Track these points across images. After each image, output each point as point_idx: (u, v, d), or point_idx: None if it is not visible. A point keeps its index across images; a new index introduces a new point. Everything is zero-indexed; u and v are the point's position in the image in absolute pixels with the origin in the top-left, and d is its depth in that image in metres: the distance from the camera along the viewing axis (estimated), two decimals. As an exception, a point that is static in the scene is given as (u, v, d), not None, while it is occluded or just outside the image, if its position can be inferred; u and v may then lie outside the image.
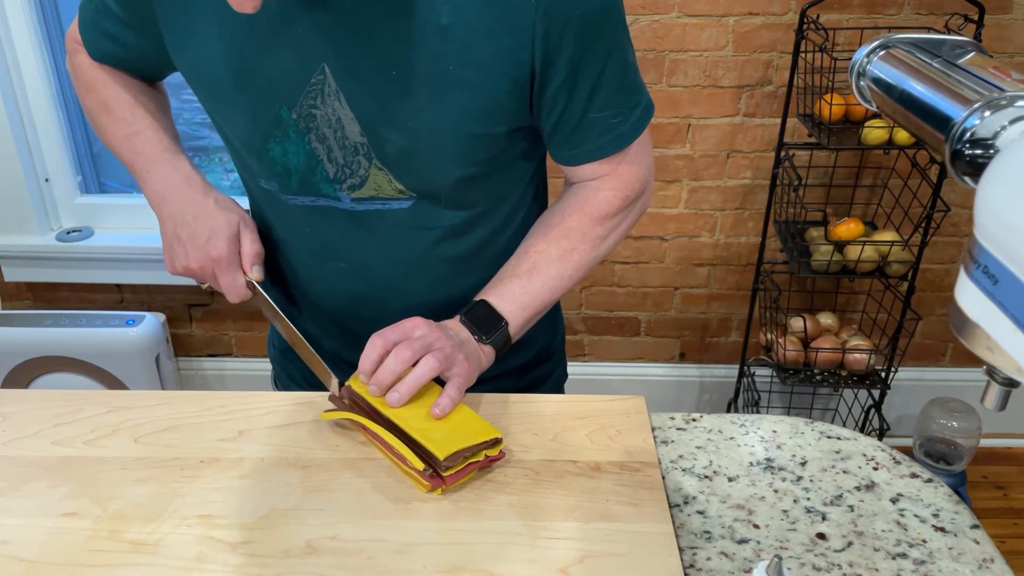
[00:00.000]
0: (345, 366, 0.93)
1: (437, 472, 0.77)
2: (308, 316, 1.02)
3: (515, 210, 0.97)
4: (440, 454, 0.76)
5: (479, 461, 0.78)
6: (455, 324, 0.89)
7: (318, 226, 0.92)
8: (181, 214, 0.92)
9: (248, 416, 0.88)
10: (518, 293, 0.91)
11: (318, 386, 1.06)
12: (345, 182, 0.88)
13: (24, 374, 2.17)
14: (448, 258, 0.95)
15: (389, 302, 0.95)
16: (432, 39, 0.78)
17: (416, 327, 0.84)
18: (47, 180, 2.16)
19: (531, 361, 1.08)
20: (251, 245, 0.92)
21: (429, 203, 0.89)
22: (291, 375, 1.11)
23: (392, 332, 0.84)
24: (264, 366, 2.39)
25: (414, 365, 0.82)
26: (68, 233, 2.18)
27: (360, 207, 0.89)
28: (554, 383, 1.14)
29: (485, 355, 0.89)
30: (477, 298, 0.91)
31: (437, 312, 0.90)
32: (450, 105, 0.81)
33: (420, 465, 0.76)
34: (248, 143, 0.88)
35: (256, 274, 0.92)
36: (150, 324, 2.17)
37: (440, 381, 0.85)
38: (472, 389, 0.88)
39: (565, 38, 0.79)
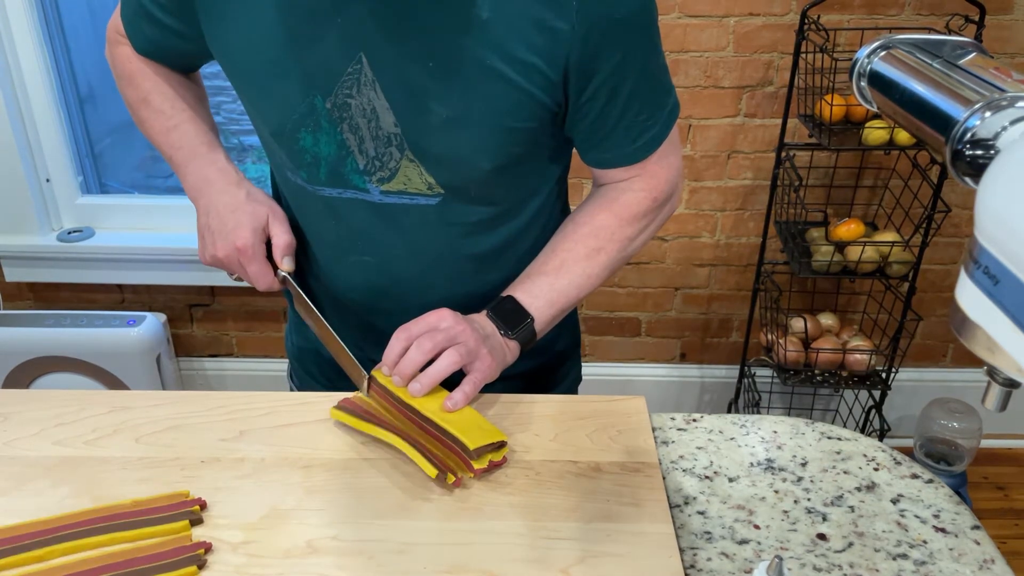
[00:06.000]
0: (365, 360, 0.94)
1: (467, 463, 0.78)
2: (329, 309, 1.03)
3: (540, 210, 0.98)
4: (471, 444, 0.78)
5: (483, 468, 0.79)
6: (481, 318, 0.90)
7: (344, 218, 0.92)
8: (214, 205, 0.93)
9: (249, 416, 0.88)
10: (545, 290, 0.91)
11: (335, 383, 1.06)
12: (375, 174, 0.88)
13: (25, 374, 2.17)
14: (472, 255, 0.95)
15: (410, 297, 0.96)
16: (471, 32, 0.79)
17: (442, 319, 0.86)
18: (48, 180, 2.16)
19: (552, 363, 1.09)
20: (281, 236, 0.93)
21: (456, 199, 0.90)
22: (308, 371, 1.12)
23: (417, 325, 0.85)
24: (265, 366, 2.39)
25: (437, 357, 0.84)
26: (69, 233, 2.18)
27: (388, 200, 0.90)
28: (569, 384, 1.14)
29: (510, 350, 0.90)
30: (504, 294, 0.92)
31: (458, 309, 0.90)
32: (485, 98, 0.82)
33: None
34: (278, 132, 0.89)
35: (287, 265, 0.93)
36: (151, 324, 2.17)
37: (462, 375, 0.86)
38: (493, 388, 0.88)
39: (604, 41, 0.80)
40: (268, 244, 0.94)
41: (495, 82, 0.81)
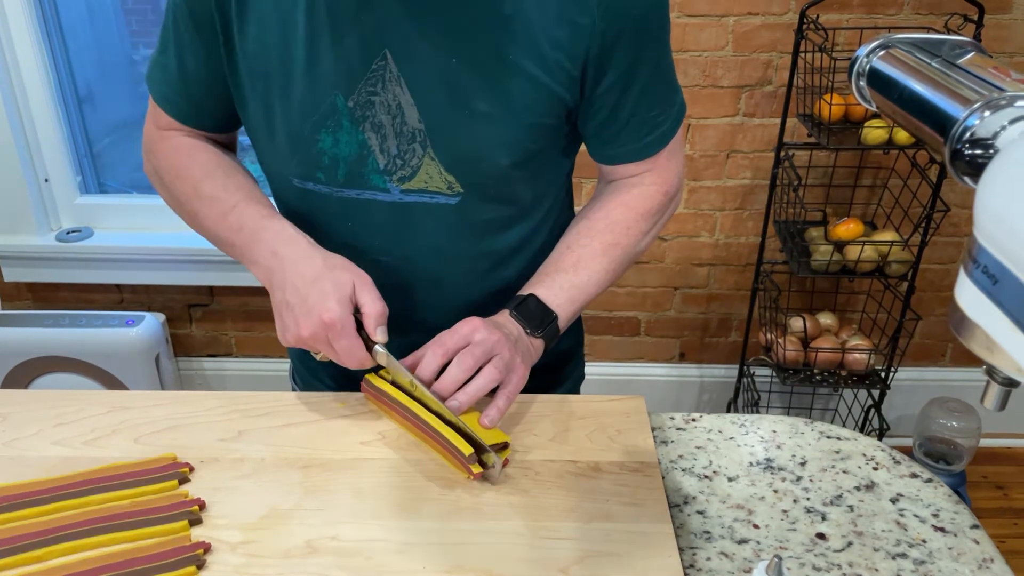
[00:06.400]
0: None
1: (465, 466, 0.78)
2: None
3: (552, 206, 0.99)
4: (488, 440, 0.78)
5: (481, 472, 0.79)
6: (507, 320, 0.89)
7: (360, 220, 0.92)
8: (289, 279, 0.84)
9: (248, 416, 0.88)
10: (565, 287, 0.92)
11: (339, 384, 1.05)
12: (396, 173, 0.88)
13: (24, 374, 2.17)
14: (488, 253, 0.96)
15: (426, 295, 0.96)
16: (494, 28, 0.80)
17: (475, 330, 0.83)
18: (47, 180, 2.16)
19: (557, 362, 1.09)
20: (373, 304, 0.82)
21: (475, 197, 0.90)
22: (312, 371, 1.11)
23: (451, 338, 0.83)
24: (264, 366, 2.39)
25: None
26: (68, 233, 2.18)
27: (409, 199, 0.89)
28: (573, 383, 1.14)
29: (535, 349, 0.89)
30: (525, 292, 0.91)
31: (472, 306, 0.90)
32: (507, 93, 0.82)
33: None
34: (296, 135, 0.87)
35: (381, 336, 0.82)
36: (150, 324, 2.16)
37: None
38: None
39: (621, 37, 0.82)
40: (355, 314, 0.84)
41: (518, 77, 0.82)
